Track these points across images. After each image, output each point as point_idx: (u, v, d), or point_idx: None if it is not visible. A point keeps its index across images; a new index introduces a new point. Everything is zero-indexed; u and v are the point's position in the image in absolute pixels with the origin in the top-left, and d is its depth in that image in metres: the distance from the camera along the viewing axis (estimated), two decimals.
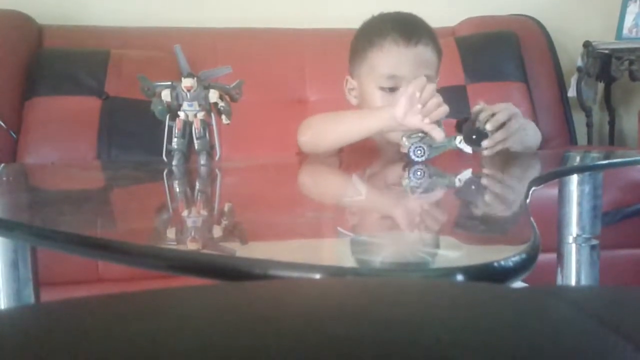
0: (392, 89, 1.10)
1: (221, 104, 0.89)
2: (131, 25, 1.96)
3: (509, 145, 0.99)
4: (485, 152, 0.97)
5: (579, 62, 2.22)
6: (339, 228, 0.51)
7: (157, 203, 0.68)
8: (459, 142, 0.98)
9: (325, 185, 0.87)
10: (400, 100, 0.97)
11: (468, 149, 0.97)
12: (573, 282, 0.97)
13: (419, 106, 0.96)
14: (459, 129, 0.99)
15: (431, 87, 0.99)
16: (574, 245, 0.97)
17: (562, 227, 0.98)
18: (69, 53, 1.80)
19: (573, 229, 0.97)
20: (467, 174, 0.91)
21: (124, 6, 2.04)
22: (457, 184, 0.79)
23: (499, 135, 0.97)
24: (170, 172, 0.86)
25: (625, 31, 2.21)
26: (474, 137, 0.97)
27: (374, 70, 1.12)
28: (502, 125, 0.97)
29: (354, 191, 0.76)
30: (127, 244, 0.41)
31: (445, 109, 0.98)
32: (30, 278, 0.68)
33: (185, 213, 0.60)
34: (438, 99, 0.98)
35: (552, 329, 0.21)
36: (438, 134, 0.95)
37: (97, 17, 1.99)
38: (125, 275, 1.34)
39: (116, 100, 1.71)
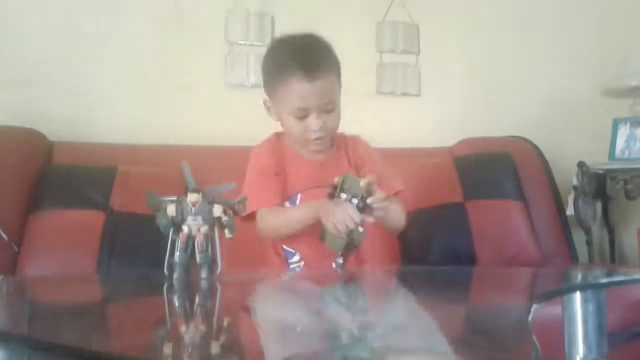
0: (303, 117, 1.34)
1: (224, 218, 0.91)
2: (139, 142, 2.03)
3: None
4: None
5: (575, 182, 2.26)
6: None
7: (156, 317, 0.68)
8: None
9: (323, 304, 0.86)
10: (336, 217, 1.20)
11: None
12: None
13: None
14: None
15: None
16: None
17: (569, 346, 0.96)
18: (77, 168, 1.84)
19: (580, 348, 0.95)
20: (470, 291, 0.91)
21: (133, 125, 2.12)
22: (460, 299, 0.78)
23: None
24: (171, 286, 0.85)
25: (617, 152, 2.27)
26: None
27: (286, 102, 1.34)
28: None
29: (356, 305, 0.75)
30: (124, 358, 0.40)
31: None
32: None
33: (183, 328, 0.59)
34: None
35: None
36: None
37: (107, 135, 2.06)
38: None
39: (120, 214, 1.73)
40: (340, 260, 1.26)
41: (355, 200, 1.21)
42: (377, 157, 1.52)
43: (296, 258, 1.41)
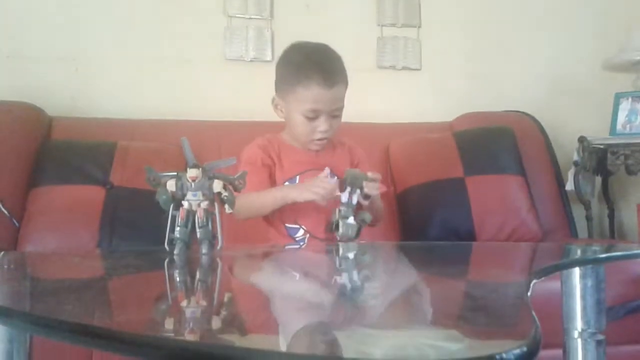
0: (313, 119, 1.43)
1: (224, 193, 0.91)
2: (138, 117, 2.02)
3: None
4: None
5: (575, 157, 2.26)
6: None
7: (157, 293, 0.68)
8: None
9: (325, 275, 0.86)
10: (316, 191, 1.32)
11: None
12: None
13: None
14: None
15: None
16: (579, 341, 0.95)
17: (567, 321, 0.97)
18: (76, 144, 1.83)
19: (578, 323, 0.96)
20: (468, 265, 0.91)
21: (132, 100, 2.12)
22: (459, 275, 0.79)
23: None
24: (172, 261, 0.86)
25: (619, 127, 2.27)
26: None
27: (300, 102, 1.42)
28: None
29: (356, 281, 0.76)
30: (125, 333, 0.40)
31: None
32: None
33: (184, 303, 0.59)
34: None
35: None
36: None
37: (106, 110, 2.06)
38: None
39: (120, 189, 1.73)
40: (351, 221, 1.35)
41: (358, 191, 1.34)
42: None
43: (300, 232, 1.46)
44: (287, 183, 1.47)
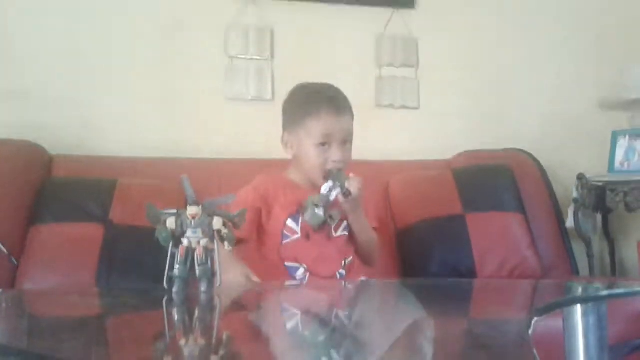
0: (325, 148, 1.47)
1: (224, 231, 0.91)
2: (139, 155, 2.03)
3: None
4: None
5: (575, 194, 2.26)
6: None
7: (155, 332, 0.67)
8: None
9: (324, 314, 0.86)
10: None
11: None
12: None
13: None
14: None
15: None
16: None
17: None
18: (77, 182, 1.84)
19: None
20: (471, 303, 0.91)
21: (133, 138, 2.13)
22: (460, 312, 0.78)
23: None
24: (170, 300, 0.85)
25: (616, 164, 2.28)
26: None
27: (311, 135, 1.47)
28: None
29: (356, 320, 0.75)
30: None
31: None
32: None
33: (183, 342, 0.59)
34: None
35: None
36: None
37: (107, 148, 2.07)
38: None
39: (119, 227, 1.72)
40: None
41: (339, 189, 1.41)
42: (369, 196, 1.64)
43: (301, 271, 1.46)
44: (289, 220, 1.47)
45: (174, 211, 0.91)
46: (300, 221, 1.47)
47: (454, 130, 2.38)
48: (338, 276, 1.47)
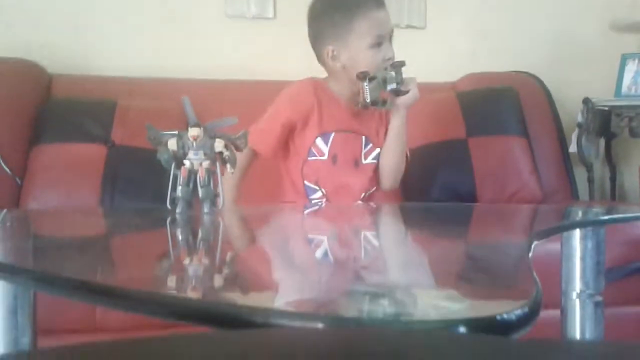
0: (379, 47, 1.42)
1: (226, 153, 0.90)
2: (139, 75, 2.00)
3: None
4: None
5: (579, 119, 2.24)
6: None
7: (159, 251, 0.68)
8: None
9: (327, 236, 0.87)
10: None
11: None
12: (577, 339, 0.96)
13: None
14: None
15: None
16: (577, 302, 0.96)
17: (566, 283, 0.98)
18: (77, 102, 1.82)
19: (576, 284, 0.97)
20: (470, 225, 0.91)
21: (133, 57, 2.09)
22: (460, 236, 0.79)
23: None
24: (174, 220, 0.86)
25: (624, 88, 2.24)
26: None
27: (363, 36, 1.40)
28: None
29: (358, 240, 0.76)
30: (128, 290, 0.41)
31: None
32: (29, 325, 0.67)
33: (187, 261, 0.60)
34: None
35: None
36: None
37: (106, 68, 2.03)
38: (124, 325, 1.32)
39: (122, 148, 1.73)
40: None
41: (394, 84, 1.38)
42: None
43: (318, 194, 1.45)
44: (319, 139, 1.44)
45: (175, 133, 0.90)
46: (330, 143, 1.43)
47: (460, 52, 2.33)
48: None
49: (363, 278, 0.51)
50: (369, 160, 1.48)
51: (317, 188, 1.44)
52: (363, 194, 1.47)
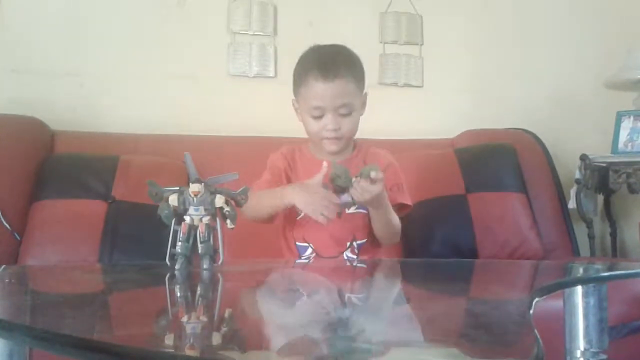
0: (318, 117, 1.37)
1: (226, 208, 0.91)
2: (141, 132, 2.02)
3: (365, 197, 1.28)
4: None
5: (577, 175, 2.26)
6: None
7: (158, 308, 0.68)
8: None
9: (325, 292, 0.86)
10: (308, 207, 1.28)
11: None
12: None
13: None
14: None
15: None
16: None
17: (569, 341, 0.96)
18: (79, 158, 1.84)
19: (580, 342, 0.95)
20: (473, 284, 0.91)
21: (135, 115, 2.12)
22: (461, 292, 0.78)
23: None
24: (173, 277, 0.85)
25: (620, 145, 2.27)
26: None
27: (305, 101, 1.38)
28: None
29: (357, 298, 0.75)
30: (126, 348, 0.40)
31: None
32: None
33: (185, 318, 0.59)
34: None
35: None
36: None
37: (109, 125, 2.06)
38: None
39: (122, 203, 1.73)
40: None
41: (346, 196, 1.30)
42: (399, 169, 1.53)
43: (309, 251, 1.44)
44: None
45: (176, 188, 0.91)
46: None
47: (457, 109, 2.37)
48: (345, 257, 1.42)
49: (362, 336, 0.51)
50: (352, 210, 1.42)
51: (307, 244, 1.44)
52: (349, 244, 1.44)
